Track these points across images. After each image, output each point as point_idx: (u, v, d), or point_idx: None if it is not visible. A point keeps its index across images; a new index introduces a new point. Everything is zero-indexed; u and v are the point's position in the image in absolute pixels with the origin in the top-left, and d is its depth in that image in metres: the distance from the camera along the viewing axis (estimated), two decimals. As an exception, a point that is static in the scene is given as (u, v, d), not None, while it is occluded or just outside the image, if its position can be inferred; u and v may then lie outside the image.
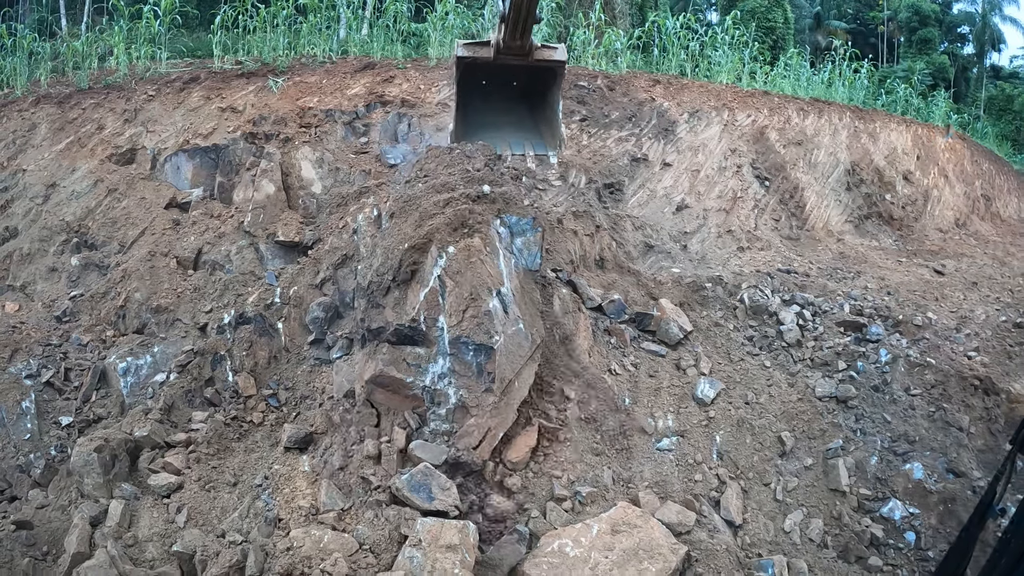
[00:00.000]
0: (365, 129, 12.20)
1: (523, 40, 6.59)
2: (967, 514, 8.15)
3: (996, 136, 28.66)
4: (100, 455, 6.79)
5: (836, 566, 7.94)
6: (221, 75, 12.95)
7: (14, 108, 13.69)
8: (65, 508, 6.75)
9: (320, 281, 9.93)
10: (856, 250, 15.63)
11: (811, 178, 16.15)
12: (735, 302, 11.41)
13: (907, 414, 9.53)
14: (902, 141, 19.75)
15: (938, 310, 12.40)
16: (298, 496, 6.51)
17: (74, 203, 11.67)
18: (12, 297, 10.74)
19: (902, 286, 13.35)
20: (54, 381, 8.53)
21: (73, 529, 6.15)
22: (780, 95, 17.30)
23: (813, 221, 15.75)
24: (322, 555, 5.37)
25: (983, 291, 14.17)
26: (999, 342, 11.33)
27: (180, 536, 5.96)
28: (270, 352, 9.30)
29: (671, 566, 6.34)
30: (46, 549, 6.20)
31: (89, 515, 6.24)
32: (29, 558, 6.03)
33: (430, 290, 7.70)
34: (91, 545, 5.94)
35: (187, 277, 10.26)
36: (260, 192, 11.11)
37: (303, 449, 7.44)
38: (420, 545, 5.24)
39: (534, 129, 8.70)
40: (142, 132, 12.20)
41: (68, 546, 5.95)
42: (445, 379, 7.40)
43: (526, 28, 6.42)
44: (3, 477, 7.37)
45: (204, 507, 6.58)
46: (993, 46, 39.00)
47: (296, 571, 5.24)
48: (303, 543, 5.47)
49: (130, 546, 5.98)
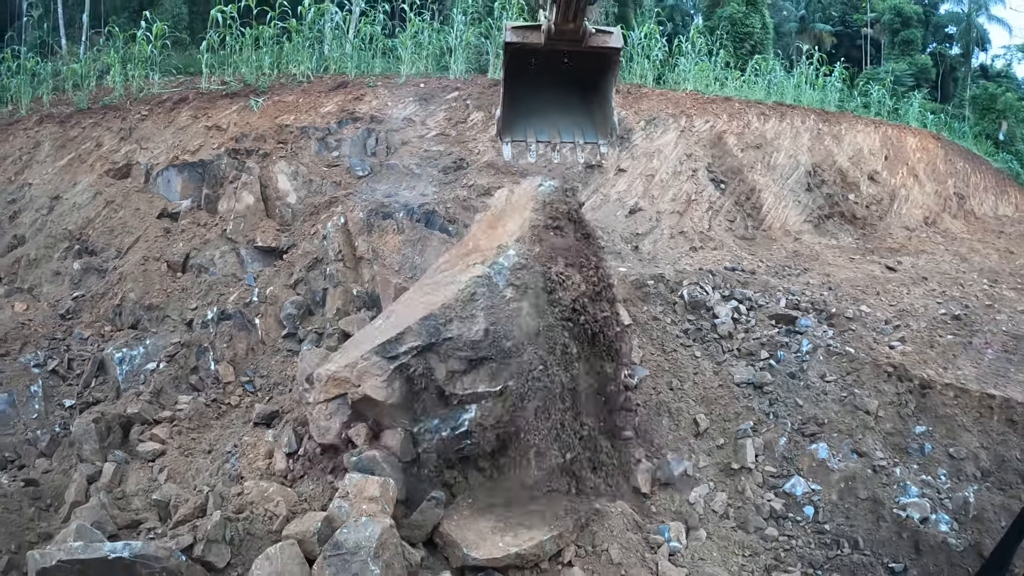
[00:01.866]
0: (337, 144, 13.84)
1: (576, 23, 6.29)
2: (867, 491, 9.38)
3: (975, 135, 29.70)
4: (97, 425, 8.45)
5: (734, 535, 8.91)
6: (207, 95, 14.63)
7: (19, 127, 15.32)
8: (67, 472, 8.36)
9: (294, 282, 11.60)
10: (811, 248, 16.86)
11: (769, 180, 17.50)
12: (675, 298, 12.75)
13: (819, 399, 10.65)
14: (869, 142, 21.04)
15: (876, 304, 13.50)
16: (258, 460, 8.09)
17: (76, 213, 13.21)
18: (20, 298, 12.25)
19: (846, 282, 14.51)
20: (58, 369, 10.16)
21: (72, 484, 7.78)
22: (741, 100, 18.69)
23: (770, 221, 17.09)
24: (266, 500, 6.92)
25: (931, 286, 15.17)
26: (929, 333, 12.31)
27: (159, 489, 7.51)
28: (248, 344, 10.92)
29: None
30: (49, 502, 7.79)
31: (86, 474, 7.88)
32: (35, 507, 7.62)
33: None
34: (87, 496, 7.54)
35: (176, 279, 11.85)
36: (241, 203, 12.72)
37: (269, 424, 9.00)
38: (347, 496, 6.74)
39: (586, 116, 8.31)
40: (136, 149, 13.86)
41: (68, 497, 7.57)
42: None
43: (579, 9, 6.15)
44: (13, 450, 8.98)
45: (182, 469, 8.18)
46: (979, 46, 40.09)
47: (245, 510, 6.79)
48: (251, 491, 7.04)
49: (119, 499, 7.56)
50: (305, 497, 7.26)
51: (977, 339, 12.29)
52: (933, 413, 10.44)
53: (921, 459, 10.01)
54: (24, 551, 6.78)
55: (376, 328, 8.82)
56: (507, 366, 7.88)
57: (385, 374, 7.69)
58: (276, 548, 6.20)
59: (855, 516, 9.15)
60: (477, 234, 9.79)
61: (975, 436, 10.13)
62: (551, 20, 6.21)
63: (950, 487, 9.58)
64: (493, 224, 9.63)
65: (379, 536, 6.15)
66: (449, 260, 9.65)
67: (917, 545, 8.81)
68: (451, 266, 9.22)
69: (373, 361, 7.74)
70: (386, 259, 11.54)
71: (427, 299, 8.42)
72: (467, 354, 7.85)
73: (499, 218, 9.69)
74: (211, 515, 6.46)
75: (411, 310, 8.40)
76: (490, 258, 8.39)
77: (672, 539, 8.49)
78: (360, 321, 10.87)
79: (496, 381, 7.89)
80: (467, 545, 7.08)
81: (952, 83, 37.98)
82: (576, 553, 7.69)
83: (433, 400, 7.91)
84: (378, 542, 6.13)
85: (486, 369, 7.90)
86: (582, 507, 8.01)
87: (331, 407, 7.85)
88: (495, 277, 8.10)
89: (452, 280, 8.50)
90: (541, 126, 7.67)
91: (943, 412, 10.39)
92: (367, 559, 6.04)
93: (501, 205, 10.10)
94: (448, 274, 8.94)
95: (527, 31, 6.54)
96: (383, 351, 7.77)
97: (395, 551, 6.28)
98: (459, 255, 9.49)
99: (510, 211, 9.62)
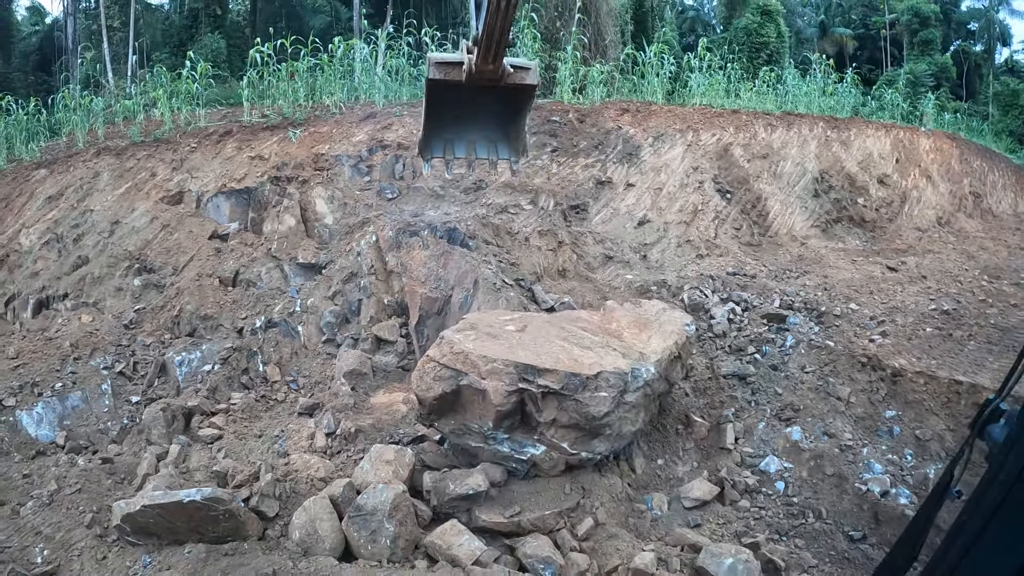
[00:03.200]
0: (368, 169, 15.69)
1: (495, 64, 6.34)
2: (833, 468, 10.31)
3: (998, 131, 30.34)
4: (164, 414, 10.37)
5: (712, 507, 9.95)
6: (250, 128, 16.61)
7: (79, 159, 17.32)
8: (136, 454, 10.16)
9: (332, 294, 13.42)
10: (816, 252, 17.91)
11: (775, 188, 18.86)
12: (676, 302, 14.16)
13: (796, 387, 11.72)
14: (879, 146, 22.19)
15: (867, 302, 14.45)
16: (302, 440, 9.87)
17: (135, 236, 14.99)
18: (87, 311, 13.96)
19: (843, 282, 15.52)
20: (125, 371, 12.07)
21: (143, 460, 9.58)
22: (748, 112, 20.09)
23: (776, 228, 18.44)
24: (308, 468, 8.71)
25: (928, 283, 16.00)
26: (914, 328, 13.14)
27: (219, 463, 9.31)
28: (292, 349, 12.75)
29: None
30: (123, 477, 9.48)
31: (155, 453, 9.71)
32: (111, 480, 9.35)
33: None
34: (156, 470, 9.33)
35: (227, 292, 13.70)
36: (284, 224, 14.62)
37: (311, 415, 10.79)
38: (370, 458, 8.50)
39: (501, 138, 8.19)
40: (187, 178, 15.82)
41: (140, 471, 9.30)
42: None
43: (499, 52, 6.20)
44: (87, 438, 10.84)
45: (237, 449, 9.98)
46: (1002, 41, 40.52)
47: (290, 475, 8.52)
48: (296, 461, 8.85)
49: (184, 472, 9.29)
50: (340, 465, 9.04)
51: (960, 332, 12.98)
52: (903, 399, 11.29)
53: (890, 441, 10.86)
54: (104, 513, 8.46)
55: (512, 335, 9.50)
56: (594, 443, 8.96)
57: (512, 387, 8.40)
58: (310, 501, 7.90)
59: (821, 490, 10.08)
60: (623, 323, 11.01)
61: (942, 419, 10.91)
62: (472, 61, 6.35)
63: (914, 465, 10.41)
64: (642, 328, 10.80)
65: (392, 500, 7.71)
66: (592, 325, 10.71)
67: (876, 516, 9.59)
68: (594, 332, 10.21)
69: (507, 371, 8.44)
70: (413, 272, 13.07)
71: (572, 350, 9.14)
72: (578, 420, 8.60)
73: (647, 326, 10.87)
74: (263, 477, 8.24)
75: (552, 348, 9.11)
76: (633, 358, 9.37)
77: (654, 508, 9.72)
78: (391, 328, 12.68)
79: (575, 446, 8.79)
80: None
81: (977, 80, 38.55)
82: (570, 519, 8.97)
83: (518, 424, 8.81)
84: (392, 504, 7.68)
85: (577, 432, 8.78)
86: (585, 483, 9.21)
87: (443, 372, 8.65)
88: (631, 381, 8.99)
89: (596, 353, 9.26)
90: (459, 144, 7.79)
91: (912, 398, 11.23)
92: (383, 519, 7.62)
93: (652, 315, 11.33)
94: (592, 338, 9.84)
95: (449, 67, 6.63)
96: (522, 370, 8.46)
97: (407, 511, 7.86)
98: (603, 328, 10.65)
99: (658, 328, 10.79)
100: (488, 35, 6.03)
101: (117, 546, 7.94)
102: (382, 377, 11.99)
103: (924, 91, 29.18)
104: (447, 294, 12.68)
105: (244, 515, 7.64)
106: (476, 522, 8.20)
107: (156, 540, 7.72)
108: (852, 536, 9.51)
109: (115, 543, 8.00)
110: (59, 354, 12.48)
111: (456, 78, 6.54)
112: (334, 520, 7.80)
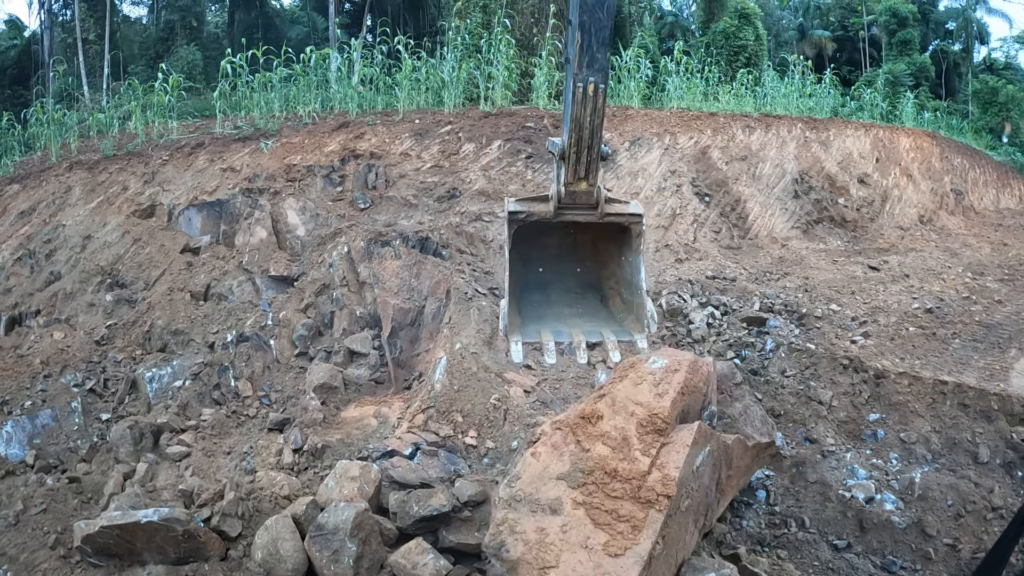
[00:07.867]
0: (340, 179, 15.53)
1: (589, 179, 5.90)
2: (815, 475, 10.16)
3: (978, 129, 30.51)
4: (132, 431, 10.14)
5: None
6: (222, 140, 16.44)
7: (51, 173, 17.11)
8: (104, 472, 9.93)
9: (304, 306, 13.22)
10: (797, 253, 17.86)
11: (754, 190, 18.80)
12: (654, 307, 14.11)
13: (777, 392, 11.57)
14: (859, 146, 22.21)
15: (848, 302, 14.40)
16: (270, 457, 9.67)
17: (107, 251, 14.73)
18: (59, 327, 13.65)
19: (824, 283, 15.49)
20: (95, 388, 11.81)
21: (110, 479, 9.39)
22: (726, 115, 20.07)
23: (756, 230, 18.36)
24: (273, 486, 8.53)
25: (911, 282, 15.98)
26: (897, 328, 13.10)
27: (185, 482, 9.12)
28: (264, 363, 12.51)
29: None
30: (90, 495, 9.32)
31: (122, 472, 9.51)
32: (78, 499, 9.19)
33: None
34: (123, 489, 9.13)
35: (199, 306, 13.45)
36: (255, 237, 14.42)
37: (281, 430, 10.59)
38: (335, 475, 8.30)
39: (608, 309, 7.92)
40: (159, 191, 15.61)
41: (106, 490, 9.14)
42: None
43: (591, 163, 5.82)
44: (57, 456, 10.58)
45: (205, 466, 9.77)
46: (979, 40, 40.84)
47: (255, 493, 8.35)
48: (262, 479, 8.66)
49: (150, 491, 9.12)
50: (306, 483, 8.83)
51: (943, 330, 12.97)
52: (887, 401, 11.17)
53: (874, 444, 10.76)
54: (68, 533, 8.30)
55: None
56: None
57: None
58: (272, 520, 7.72)
59: (804, 498, 9.93)
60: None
61: (927, 421, 10.80)
62: (560, 182, 5.90)
63: (899, 469, 10.29)
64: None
65: (354, 518, 7.51)
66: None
67: (861, 523, 9.45)
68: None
69: None
70: (385, 283, 12.91)
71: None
72: None
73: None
74: (227, 496, 8.07)
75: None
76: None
77: (634, 519, 9.81)
78: (363, 340, 12.47)
79: None
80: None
81: (956, 79, 38.78)
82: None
83: None
84: (353, 523, 7.48)
85: None
86: None
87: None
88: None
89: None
90: (557, 327, 7.05)
91: (896, 399, 11.11)
92: (345, 538, 7.43)
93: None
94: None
95: (532, 201, 6.14)
96: None
97: (371, 530, 7.68)
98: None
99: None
100: (578, 137, 5.56)
101: (80, 567, 7.83)
102: (354, 391, 11.77)
103: (903, 90, 29.26)
104: (420, 304, 12.53)
105: (204, 535, 7.49)
106: (444, 542, 8.02)
107: (117, 561, 7.60)
108: (837, 545, 9.33)
109: (78, 564, 7.89)
110: (29, 372, 12.24)
111: (543, 210, 6.00)
112: (296, 540, 7.63)
